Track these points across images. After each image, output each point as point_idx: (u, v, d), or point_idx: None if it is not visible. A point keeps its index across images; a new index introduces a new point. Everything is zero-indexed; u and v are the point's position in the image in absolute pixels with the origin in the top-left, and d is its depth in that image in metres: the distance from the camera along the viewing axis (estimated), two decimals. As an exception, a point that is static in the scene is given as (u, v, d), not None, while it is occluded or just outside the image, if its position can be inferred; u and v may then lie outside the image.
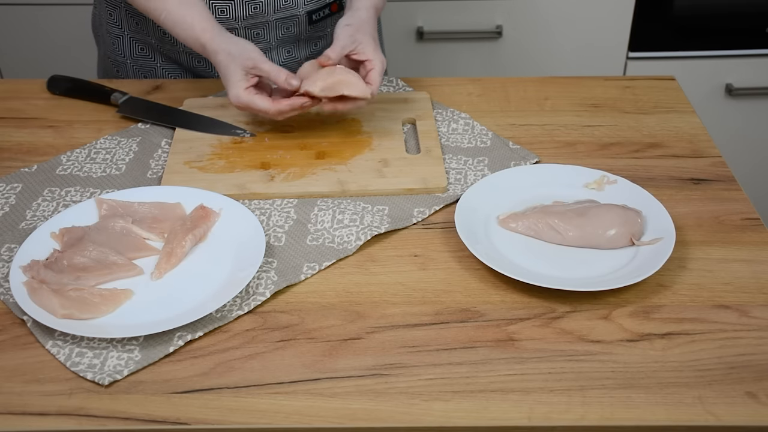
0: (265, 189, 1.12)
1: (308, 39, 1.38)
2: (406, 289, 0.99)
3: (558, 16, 2.07)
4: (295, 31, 1.36)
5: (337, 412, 0.85)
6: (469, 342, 0.92)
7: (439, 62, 2.12)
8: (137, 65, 1.40)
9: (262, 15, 1.31)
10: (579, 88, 1.35)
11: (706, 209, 1.11)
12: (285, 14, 1.32)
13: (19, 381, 0.88)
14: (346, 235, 1.06)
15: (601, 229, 1.03)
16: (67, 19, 2.05)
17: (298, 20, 1.34)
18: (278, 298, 0.98)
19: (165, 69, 1.40)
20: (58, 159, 1.19)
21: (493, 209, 1.09)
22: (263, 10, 1.30)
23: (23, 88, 1.35)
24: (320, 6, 1.35)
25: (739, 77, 2.13)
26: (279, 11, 1.31)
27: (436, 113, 1.28)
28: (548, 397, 0.86)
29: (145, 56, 1.39)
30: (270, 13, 1.31)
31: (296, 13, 1.32)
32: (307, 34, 1.37)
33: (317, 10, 1.35)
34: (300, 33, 1.37)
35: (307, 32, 1.37)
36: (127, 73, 1.42)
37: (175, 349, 0.91)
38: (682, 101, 1.32)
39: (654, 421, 0.84)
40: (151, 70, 1.40)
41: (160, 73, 1.40)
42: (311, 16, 1.35)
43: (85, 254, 1.00)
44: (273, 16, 1.32)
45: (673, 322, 0.94)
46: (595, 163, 1.17)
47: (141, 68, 1.40)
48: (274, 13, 1.31)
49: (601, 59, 2.12)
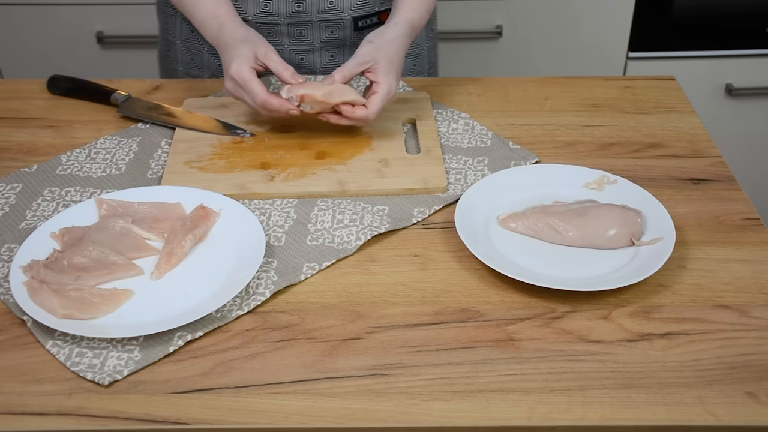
0: (265, 189, 1.12)
1: (353, 45, 1.35)
2: (406, 289, 0.99)
3: (558, 16, 2.07)
4: (340, 36, 1.35)
5: (337, 412, 0.85)
6: (469, 342, 0.92)
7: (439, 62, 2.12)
8: (186, 47, 1.41)
9: (305, 14, 1.31)
10: (579, 88, 1.35)
11: (706, 209, 1.11)
12: (329, 16, 1.32)
13: (19, 381, 0.88)
14: (346, 235, 1.06)
15: (601, 229, 1.03)
16: (67, 19, 2.05)
17: (343, 24, 1.33)
18: (278, 298, 0.98)
19: (212, 54, 1.40)
20: (58, 159, 1.19)
21: (493, 209, 1.09)
22: (306, 9, 1.30)
23: (23, 88, 1.35)
24: (368, 13, 1.34)
25: (739, 77, 2.13)
26: (323, 12, 1.31)
27: (436, 113, 1.28)
28: (548, 397, 0.86)
29: (194, 39, 1.40)
30: (313, 13, 1.31)
31: (341, 17, 1.32)
32: (353, 39, 1.36)
33: (364, 16, 1.34)
34: (345, 38, 1.36)
35: (352, 38, 1.36)
36: (176, 54, 1.42)
37: (175, 349, 0.91)
38: (682, 101, 1.32)
39: (654, 421, 0.84)
40: (198, 53, 1.40)
41: (206, 58, 1.40)
42: (357, 22, 1.34)
43: (85, 254, 1.00)
44: (317, 17, 1.31)
45: (673, 322, 0.94)
46: (595, 163, 1.17)
47: (189, 50, 1.41)
48: (318, 14, 1.31)
49: (601, 59, 2.12)
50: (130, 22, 2.05)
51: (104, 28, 2.06)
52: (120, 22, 2.05)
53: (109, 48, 2.09)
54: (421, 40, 1.45)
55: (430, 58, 1.49)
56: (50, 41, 2.08)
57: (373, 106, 1.15)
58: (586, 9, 2.07)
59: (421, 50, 1.46)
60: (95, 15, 2.05)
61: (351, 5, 1.32)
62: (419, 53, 1.45)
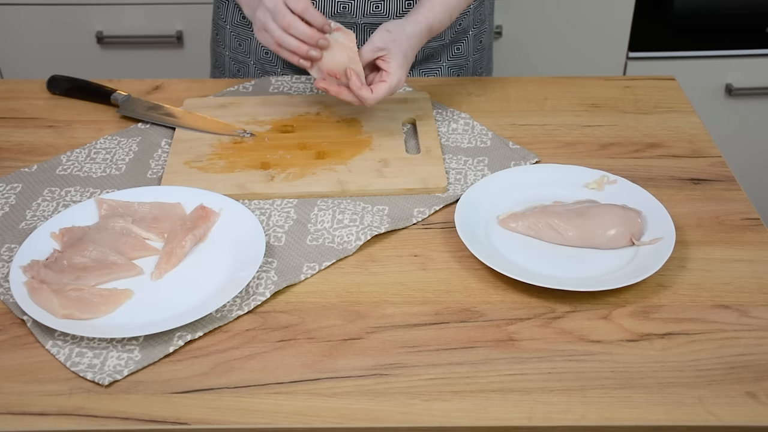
0: (265, 189, 1.12)
1: None
2: (406, 289, 0.99)
3: (558, 16, 2.07)
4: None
5: (337, 412, 0.85)
6: (469, 342, 0.92)
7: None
8: (235, 32, 1.41)
9: (350, 15, 1.31)
10: (579, 88, 1.35)
11: (706, 209, 1.11)
12: (374, 20, 1.32)
13: (19, 381, 0.88)
14: (346, 235, 1.06)
15: (601, 229, 1.03)
16: (67, 19, 2.05)
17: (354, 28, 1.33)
18: (278, 298, 0.98)
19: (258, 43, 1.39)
20: (58, 159, 1.19)
21: (493, 209, 1.09)
22: (352, 11, 1.30)
23: (23, 88, 1.35)
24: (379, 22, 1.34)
25: (739, 77, 2.13)
26: (368, 15, 1.31)
27: (436, 113, 1.28)
28: (548, 397, 0.86)
29: (244, 24, 1.40)
30: (359, 15, 1.31)
31: (385, 20, 1.30)
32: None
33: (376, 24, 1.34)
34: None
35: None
36: (225, 38, 1.43)
37: (175, 349, 0.91)
38: (682, 101, 1.32)
39: (654, 421, 0.84)
40: (246, 39, 1.41)
41: (254, 44, 1.40)
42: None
43: (85, 254, 1.00)
44: (361, 19, 1.31)
45: (673, 322, 0.94)
46: (595, 163, 1.17)
47: (238, 36, 1.41)
48: (363, 16, 1.31)
49: (601, 59, 2.12)
50: (130, 22, 2.05)
51: (104, 28, 2.06)
52: (120, 22, 2.06)
53: (109, 48, 2.09)
54: (469, 51, 1.44)
55: (476, 70, 1.47)
56: (50, 41, 2.08)
57: (378, 92, 1.15)
58: (586, 9, 2.07)
59: (466, 61, 1.45)
60: (95, 15, 2.05)
61: (396, 11, 1.32)
62: (464, 64, 1.44)
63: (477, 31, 1.43)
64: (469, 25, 1.41)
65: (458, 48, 1.42)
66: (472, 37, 1.43)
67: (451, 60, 1.42)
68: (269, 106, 1.29)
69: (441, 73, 1.42)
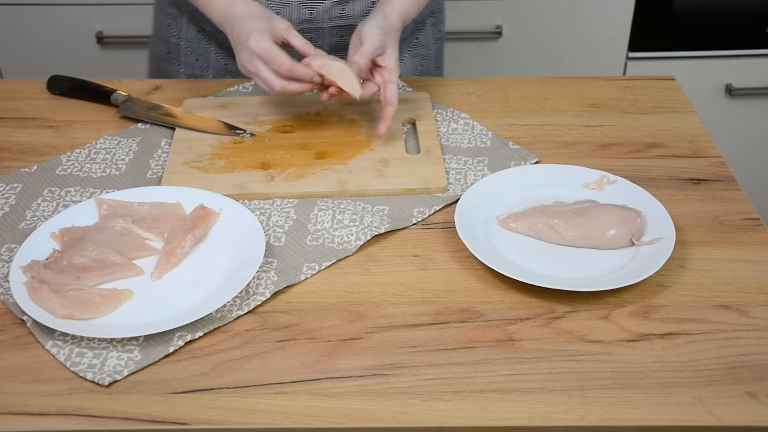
0: (265, 189, 1.12)
1: None
2: (406, 289, 0.99)
3: (558, 16, 2.07)
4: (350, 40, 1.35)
5: (337, 412, 0.85)
6: (469, 342, 0.92)
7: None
8: (191, 47, 1.40)
9: (317, 21, 1.31)
10: (579, 88, 1.35)
11: (706, 209, 1.11)
12: (341, 22, 1.32)
13: (19, 381, 0.88)
14: (346, 235, 1.06)
15: (601, 229, 1.03)
16: (67, 19, 2.05)
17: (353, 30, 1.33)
18: (278, 298, 0.98)
19: (218, 54, 1.39)
20: (58, 159, 1.19)
21: (493, 209, 1.09)
22: (318, 16, 1.30)
23: (23, 88, 1.35)
24: None
25: (739, 77, 2.13)
26: (334, 19, 1.31)
27: (436, 113, 1.28)
28: (548, 397, 0.86)
29: (200, 38, 1.39)
30: (325, 20, 1.31)
31: (353, 23, 1.31)
32: None
33: None
34: None
35: None
36: (179, 55, 1.41)
37: (175, 349, 0.91)
38: (682, 101, 1.32)
39: (654, 421, 0.84)
40: (204, 53, 1.40)
41: (213, 57, 1.39)
42: None
43: (85, 254, 1.00)
44: (328, 23, 1.31)
45: (673, 322, 0.94)
46: (595, 163, 1.17)
47: (194, 51, 1.40)
48: (329, 20, 1.31)
49: (601, 59, 2.12)
50: (130, 22, 2.05)
51: (104, 28, 2.06)
52: (120, 22, 2.05)
53: (109, 48, 2.09)
54: (428, 41, 1.45)
55: (437, 59, 1.49)
56: (50, 41, 2.08)
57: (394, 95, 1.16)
58: (586, 9, 2.07)
59: (428, 51, 1.46)
60: (95, 15, 2.05)
61: (362, 12, 1.32)
62: (426, 54, 1.45)
63: (435, 19, 1.44)
64: (426, 15, 1.42)
65: (417, 38, 1.43)
66: (431, 26, 1.45)
67: (412, 50, 1.42)
68: (269, 106, 1.29)
69: (405, 65, 1.43)
